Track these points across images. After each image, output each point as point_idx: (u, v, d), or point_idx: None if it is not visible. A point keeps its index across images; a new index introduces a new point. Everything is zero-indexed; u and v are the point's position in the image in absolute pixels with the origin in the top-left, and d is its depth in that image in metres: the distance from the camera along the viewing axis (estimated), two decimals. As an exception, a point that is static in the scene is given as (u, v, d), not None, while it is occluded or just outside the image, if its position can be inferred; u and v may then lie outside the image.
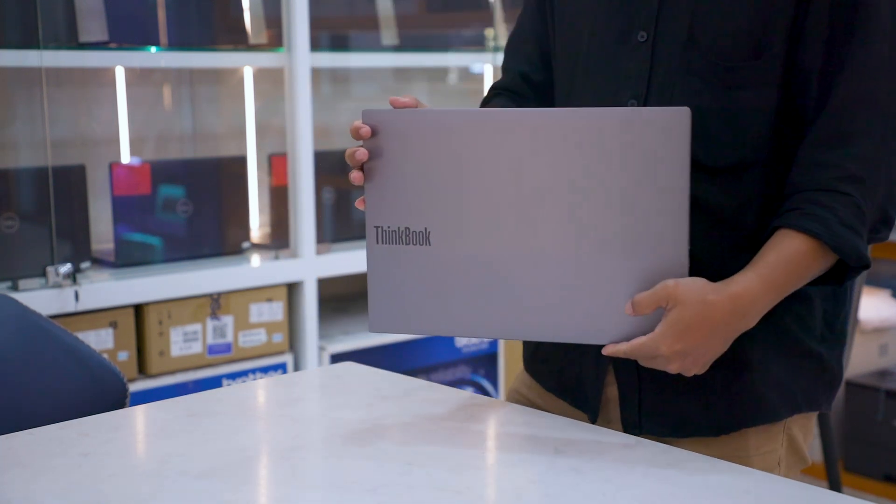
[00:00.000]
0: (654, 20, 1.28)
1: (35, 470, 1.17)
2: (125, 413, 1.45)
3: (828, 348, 1.34)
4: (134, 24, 2.51)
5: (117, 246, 2.52)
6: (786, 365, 1.31)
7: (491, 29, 3.18)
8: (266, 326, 2.65)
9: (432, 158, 1.22)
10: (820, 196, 1.22)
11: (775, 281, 1.21)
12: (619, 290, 1.19)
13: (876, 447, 3.24)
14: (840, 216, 1.21)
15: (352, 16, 3.12)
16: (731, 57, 1.24)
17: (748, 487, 1.12)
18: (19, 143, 2.56)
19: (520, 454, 1.23)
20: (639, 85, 1.29)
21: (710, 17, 1.25)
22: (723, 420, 1.30)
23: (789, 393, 1.31)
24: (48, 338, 1.61)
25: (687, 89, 1.26)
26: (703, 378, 1.26)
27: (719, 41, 1.24)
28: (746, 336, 1.25)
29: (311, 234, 2.71)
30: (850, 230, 1.21)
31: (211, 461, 1.19)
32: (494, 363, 3.09)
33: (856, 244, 1.21)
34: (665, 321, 1.17)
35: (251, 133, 2.87)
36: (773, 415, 1.31)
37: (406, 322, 1.27)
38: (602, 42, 1.33)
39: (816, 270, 1.23)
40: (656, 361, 1.20)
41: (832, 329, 1.34)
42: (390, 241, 1.26)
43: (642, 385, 1.32)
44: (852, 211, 1.21)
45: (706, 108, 1.24)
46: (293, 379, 1.72)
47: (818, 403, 1.35)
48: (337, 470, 1.17)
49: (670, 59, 1.27)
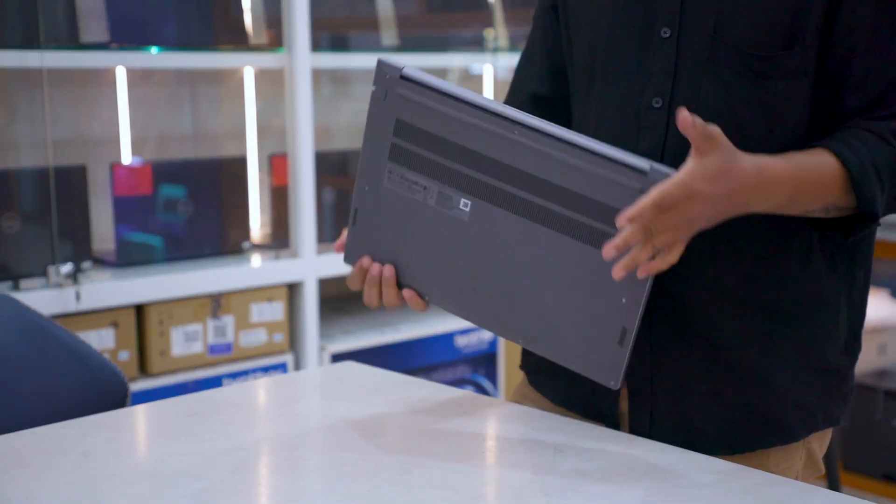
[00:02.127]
0: (677, 15, 1.24)
1: (36, 469, 1.17)
2: (126, 413, 1.46)
3: (849, 359, 1.31)
4: (135, 24, 2.51)
5: (118, 246, 2.52)
6: (806, 383, 1.27)
7: (491, 29, 3.18)
8: (267, 326, 2.65)
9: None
10: (866, 136, 1.20)
11: (799, 176, 1.18)
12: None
13: (875, 447, 3.24)
14: (876, 161, 1.18)
15: (352, 16, 3.12)
16: (762, 47, 1.21)
17: (747, 486, 1.12)
18: (20, 144, 2.56)
19: (520, 454, 1.23)
20: (664, 83, 1.25)
21: (738, 9, 1.21)
22: (737, 440, 1.27)
23: (809, 412, 1.28)
24: (49, 338, 1.62)
25: (718, 83, 1.22)
26: (718, 394, 1.25)
27: (748, 32, 1.21)
28: (767, 352, 1.23)
29: (311, 234, 2.71)
30: (877, 175, 1.18)
31: (211, 461, 1.19)
32: (494, 363, 3.09)
33: (874, 191, 1.18)
34: (702, 160, 1.11)
35: (252, 133, 2.87)
36: (791, 436, 1.28)
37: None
38: (622, 41, 1.29)
39: (832, 198, 1.19)
40: (675, 211, 1.11)
41: (856, 337, 1.32)
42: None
43: (655, 398, 1.29)
44: (889, 162, 1.19)
45: (738, 101, 1.22)
46: (293, 379, 1.72)
47: (836, 419, 1.31)
48: (337, 469, 1.18)
49: (697, 53, 1.23)
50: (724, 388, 1.25)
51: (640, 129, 1.27)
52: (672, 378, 1.28)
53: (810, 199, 1.19)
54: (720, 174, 1.12)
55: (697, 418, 1.27)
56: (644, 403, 1.30)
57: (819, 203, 1.20)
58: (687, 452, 1.22)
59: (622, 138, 1.28)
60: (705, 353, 1.26)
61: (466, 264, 1.24)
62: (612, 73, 1.31)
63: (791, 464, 1.29)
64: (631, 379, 1.30)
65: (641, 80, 1.27)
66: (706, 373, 1.26)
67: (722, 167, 1.12)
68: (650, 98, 1.26)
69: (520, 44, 3.21)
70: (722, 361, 1.26)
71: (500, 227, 1.22)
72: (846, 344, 1.30)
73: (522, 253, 1.22)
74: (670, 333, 1.27)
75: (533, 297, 1.22)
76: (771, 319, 1.25)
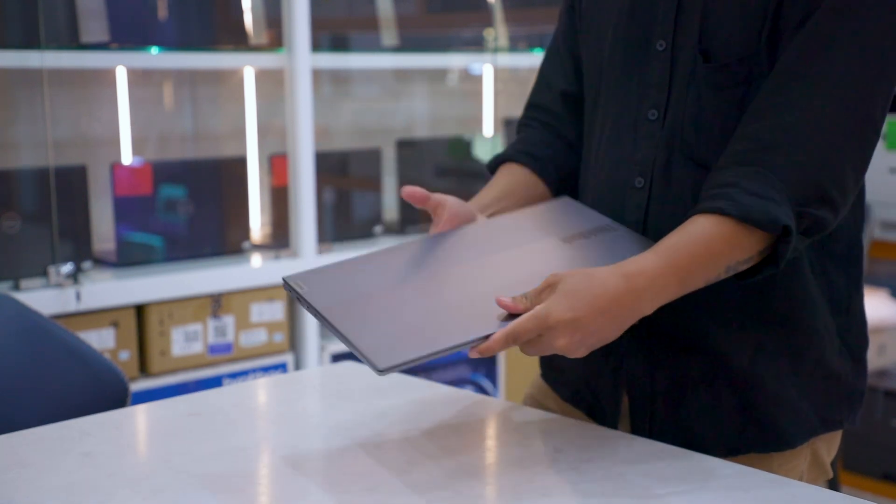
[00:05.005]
0: (672, 28, 1.25)
1: (37, 469, 1.17)
2: (126, 412, 1.46)
3: (850, 363, 1.30)
4: (135, 24, 2.52)
5: (118, 246, 2.53)
6: (800, 388, 1.26)
7: (491, 29, 3.18)
8: (267, 326, 2.65)
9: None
10: (725, 173, 1.16)
11: (677, 263, 1.13)
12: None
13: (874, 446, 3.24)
14: (744, 186, 1.14)
15: (352, 16, 3.13)
16: (740, 55, 1.20)
17: (747, 486, 1.12)
18: (21, 144, 2.56)
19: (520, 454, 1.23)
20: (658, 95, 1.27)
21: (718, 22, 1.22)
22: (734, 444, 1.27)
23: (804, 418, 1.27)
24: (50, 338, 1.62)
25: (707, 95, 1.23)
26: (716, 400, 1.25)
27: (728, 42, 1.21)
28: (760, 358, 1.23)
29: (311, 234, 2.71)
30: (757, 197, 1.13)
31: (211, 461, 1.19)
32: (494, 363, 3.09)
33: (766, 208, 1.12)
34: (554, 292, 1.11)
35: (252, 133, 2.88)
36: (787, 443, 1.27)
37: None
38: (623, 52, 1.31)
39: (731, 250, 1.14)
40: (542, 340, 1.10)
41: (853, 340, 1.30)
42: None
43: (655, 401, 1.29)
44: (760, 180, 1.14)
45: (729, 111, 1.22)
46: (294, 378, 1.72)
47: (839, 422, 1.30)
48: (337, 470, 1.18)
49: (685, 67, 1.24)
50: (721, 394, 1.26)
51: (637, 139, 1.28)
52: (670, 385, 1.28)
53: (707, 267, 1.14)
54: (578, 293, 1.10)
55: (697, 424, 1.28)
56: (644, 410, 1.30)
57: (723, 263, 1.15)
58: (687, 452, 1.22)
59: (621, 148, 1.30)
60: (702, 361, 1.26)
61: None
62: (614, 82, 1.32)
63: (795, 465, 1.29)
64: (630, 387, 1.31)
65: (639, 92, 1.29)
66: (704, 379, 1.26)
67: (576, 285, 1.10)
68: (646, 110, 1.28)
69: (520, 44, 3.21)
70: (720, 369, 1.26)
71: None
72: (840, 348, 1.29)
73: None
74: (667, 341, 1.27)
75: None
76: (764, 325, 1.25)
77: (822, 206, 1.16)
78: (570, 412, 1.41)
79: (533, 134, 1.45)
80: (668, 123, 1.26)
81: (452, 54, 3.21)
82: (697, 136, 1.23)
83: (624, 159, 1.30)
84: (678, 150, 1.25)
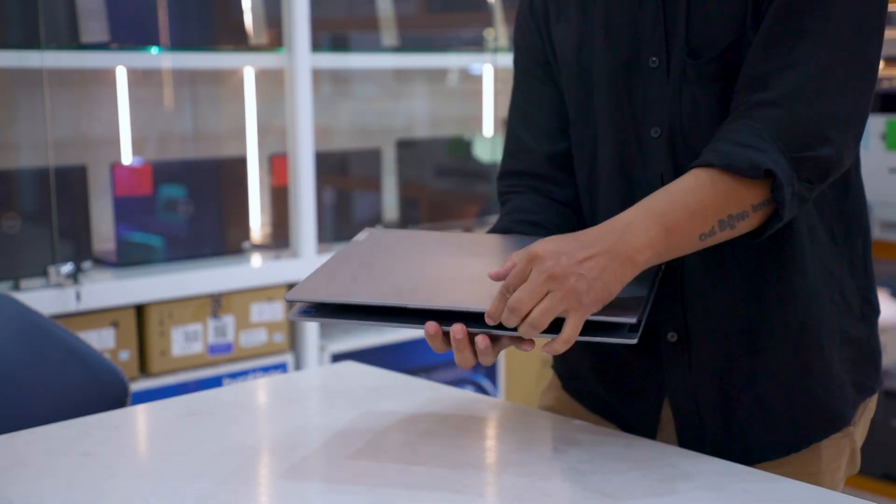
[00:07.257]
0: (663, 42, 1.23)
1: (37, 469, 1.17)
2: (126, 412, 1.46)
3: (867, 327, 1.31)
4: (135, 24, 2.52)
5: (118, 246, 2.53)
6: (838, 360, 1.27)
7: (491, 29, 3.18)
8: (267, 326, 2.65)
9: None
10: (717, 133, 1.16)
11: (654, 207, 1.12)
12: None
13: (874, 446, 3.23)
14: (730, 138, 1.13)
15: (352, 16, 3.13)
16: (718, 46, 1.20)
17: (747, 486, 1.12)
18: (21, 144, 2.56)
19: (520, 454, 1.23)
20: (660, 110, 1.24)
21: (704, 19, 1.21)
22: (790, 440, 1.27)
23: (847, 392, 1.28)
24: (50, 338, 1.62)
25: (708, 103, 1.22)
26: (762, 400, 1.25)
27: (710, 40, 1.21)
28: (800, 343, 1.23)
29: (311, 234, 2.71)
30: (741, 146, 1.12)
31: (211, 461, 1.19)
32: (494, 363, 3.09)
33: (747, 155, 1.11)
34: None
35: (252, 133, 2.88)
36: (842, 419, 1.28)
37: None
38: (611, 73, 1.27)
39: (717, 199, 1.12)
40: (532, 277, 1.06)
41: (869, 303, 1.31)
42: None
43: (702, 418, 1.28)
44: (746, 130, 1.13)
45: (710, 107, 1.21)
46: (294, 378, 1.72)
47: (870, 388, 1.32)
48: (337, 469, 1.18)
49: (677, 73, 1.23)
50: (766, 392, 1.25)
51: (646, 161, 1.26)
52: (716, 394, 1.27)
53: (691, 218, 1.12)
54: (559, 238, 1.09)
55: (748, 428, 1.27)
56: (692, 424, 1.29)
57: (713, 217, 1.13)
58: (687, 452, 1.22)
59: (631, 171, 1.27)
60: (744, 363, 1.26)
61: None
62: (607, 106, 1.28)
63: (839, 464, 1.29)
64: (674, 397, 1.30)
65: (637, 112, 1.26)
66: (748, 382, 1.26)
67: (559, 236, 1.10)
68: (648, 128, 1.25)
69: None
70: (760, 367, 1.26)
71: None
72: (862, 312, 1.30)
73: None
74: (709, 349, 1.27)
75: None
76: (794, 305, 1.24)
77: (822, 146, 1.14)
78: (599, 423, 1.38)
79: (523, 200, 1.37)
80: (671, 136, 1.24)
81: (452, 54, 3.22)
82: (699, 136, 1.22)
83: (635, 180, 1.27)
84: (682, 156, 1.23)
